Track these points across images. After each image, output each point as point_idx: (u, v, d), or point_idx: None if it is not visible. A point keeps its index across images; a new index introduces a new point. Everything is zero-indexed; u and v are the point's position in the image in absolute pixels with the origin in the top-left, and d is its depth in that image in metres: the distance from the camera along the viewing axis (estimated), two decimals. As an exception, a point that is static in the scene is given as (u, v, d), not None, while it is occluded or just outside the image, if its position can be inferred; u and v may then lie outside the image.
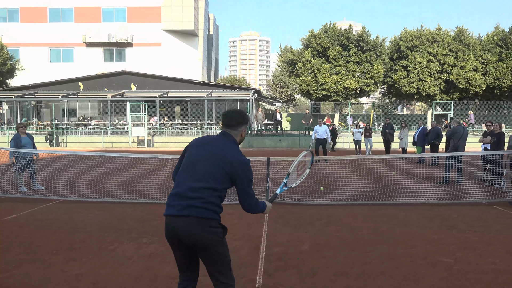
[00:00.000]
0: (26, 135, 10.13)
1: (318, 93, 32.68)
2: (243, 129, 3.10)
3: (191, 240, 2.78)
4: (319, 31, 33.06)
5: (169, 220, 2.84)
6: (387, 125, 20.65)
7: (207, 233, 2.78)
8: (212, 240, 2.80)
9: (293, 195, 9.31)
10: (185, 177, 2.90)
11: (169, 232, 2.84)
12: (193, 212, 2.77)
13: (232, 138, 3.03)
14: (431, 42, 32.38)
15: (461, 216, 7.53)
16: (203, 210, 2.79)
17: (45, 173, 11.04)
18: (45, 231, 6.36)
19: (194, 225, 2.76)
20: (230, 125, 3.06)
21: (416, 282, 4.41)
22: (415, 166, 15.26)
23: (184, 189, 2.84)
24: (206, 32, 60.22)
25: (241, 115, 3.09)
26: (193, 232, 2.76)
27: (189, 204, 2.79)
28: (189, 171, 2.90)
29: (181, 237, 2.79)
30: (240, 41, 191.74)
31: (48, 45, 49.42)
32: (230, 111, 3.13)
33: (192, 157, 2.96)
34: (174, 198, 2.86)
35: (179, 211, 2.79)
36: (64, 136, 29.08)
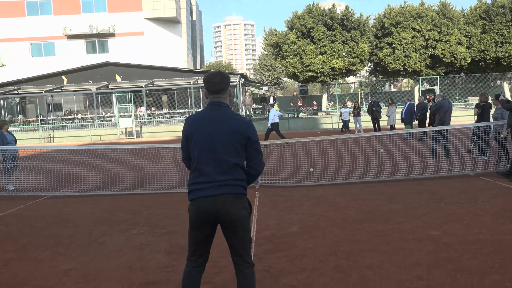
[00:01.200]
0: (8, 132, 10.00)
1: (305, 75, 32.57)
2: (230, 89, 3.05)
3: (227, 217, 2.83)
4: (302, 12, 32.77)
5: (203, 201, 2.84)
6: (373, 103, 20.71)
7: (242, 208, 2.87)
8: (244, 216, 2.88)
9: (282, 178, 9.33)
10: (208, 163, 2.87)
11: (202, 212, 2.84)
12: (228, 190, 2.84)
13: (225, 105, 2.97)
14: (415, 17, 32.30)
15: (449, 189, 7.61)
16: (236, 187, 2.87)
17: (33, 169, 10.91)
18: (33, 228, 6.30)
19: (231, 202, 2.84)
20: (220, 90, 2.96)
21: (404, 257, 4.46)
22: (403, 143, 15.37)
23: (211, 174, 2.85)
24: (189, 19, 59.45)
25: (225, 76, 2.99)
26: (229, 208, 2.82)
27: (222, 184, 2.84)
28: (211, 156, 2.87)
29: (217, 214, 2.82)
30: (225, 26, 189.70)
31: (28, 39, 48.38)
32: (211, 76, 2.97)
33: (204, 141, 2.88)
34: (202, 184, 2.86)
35: (214, 191, 2.83)
36: (51, 131, 28.74)
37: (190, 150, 2.97)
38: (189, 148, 2.97)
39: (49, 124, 31.04)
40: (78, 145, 23.49)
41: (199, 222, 2.89)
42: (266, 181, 9.14)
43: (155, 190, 8.77)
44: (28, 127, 31.57)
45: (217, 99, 2.98)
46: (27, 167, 11.17)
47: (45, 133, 28.50)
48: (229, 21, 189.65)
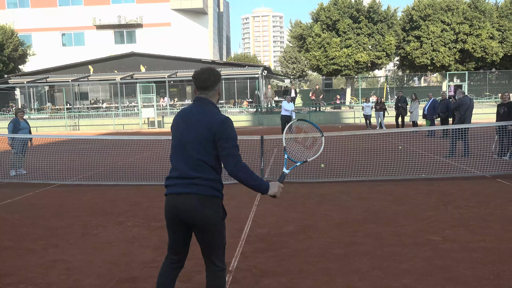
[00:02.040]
0: (24, 120, 10.27)
1: (329, 68, 32.02)
2: (219, 87, 2.94)
3: (192, 218, 2.74)
4: (328, 4, 32.12)
5: (170, 198, 2.80)
6: (399, 98, 20.14)
7: (209, 210, 2.74)
8: (214, 219, 2.76)
9: (290, 174, 9.15)
10: (179, 158, 2.82)
11: (170, 210, 2.79)
12: (195, 189, 2.74)
13: (207, 101, 2.87)
14: (445, 10, 31.15)
15: (461, 191, 7.27)
16: (205, 188, 2.75)
17: (47, 157, 11.11)
18: (34, 217, 6.38)
19: (197, 202, 2.72)
20: (207, 87, 2.88)
21: (397, 262, 4.25)
22: (424, 140, 14.89)
23: (182, 170, 2.78)
24: (216, 10, 59.40)
25: (214, 73, 2.89)
26: (195, 209, 2.72)
27: (190, 182, 2.75)
28: (181, 152, 2.82)
29: (183, 215, 2.74)
30: (253, 17, 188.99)
31: (60, 29, 49.57)
32: (200, 72, 2.89)
33: (179, 136, 2.85)
34: (173, 179, 2.81)
35: (181, 189, 2.75)
36: (77, 119, 29.39)
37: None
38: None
39: (75, 112, 31.76)
40: (94, 134, 23.93)
41: (169, 220, 2.85)
42: (272, 176, 8.99)
43: (162, 182, 8.76)
44: (55, 114, 32.40)
45: (203, 96, 2.89)
46: (42, 154, 11.39)
47: (71, 121, 29.16)
48: (257, 12, 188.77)
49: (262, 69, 31.81)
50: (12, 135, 9.71)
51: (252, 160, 10.76)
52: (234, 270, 4.19)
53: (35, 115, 33.17)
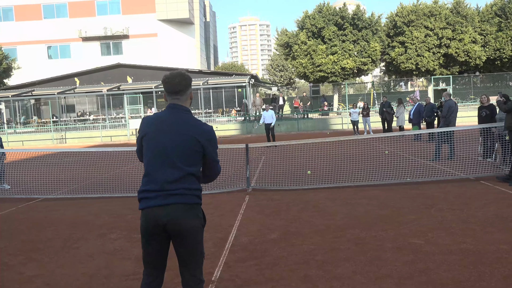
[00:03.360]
0: None
1: (315, 75, 32.22)
2: (191, 91, 2.85)
3: (177, 228, 2.63)
4: (313, 12, 32.42)
5: (151, 212, 2.65)
6: (384, 103, 20.32)
7: (193, 218, 2.68)
8: (197, 227, 2.69)
9: (277, 181, 9.15)
10: (159, 169, 2.68)
11: (151, 223, 2.64)
12: (179, 199, 2.65)
13: (185, 108, 2.79)
14: (428, 16, 31.61)
15: (444, 193, 7.33)
16: (189, 197, 2.68)
17: (29, 172, 10.98)
18: (14, 232, 6.27)
19: (181, 212, 2.64)
20: (179, 92, 2.77)
21: (378, 267, 4.25)
22: (411, 144, 15.01)
23: (161, 182, 2.65)
24: (202, 20, 59.62)
25: (185, 77, 2.80)
26: (181, 218, 2.63)
27: (172, 193, 2.65)
28: (164, 163, 2.67)
29: (167, 225, 2.63)
30: (240, 26, 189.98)
31: (45, 42, 49.29)
32: (170, 76, 2.78)
33: (156, 146, 2.70)
34: (151, 192, 2.66)
35: (163, 200, 2.63)
36: (64, 132, 29.12)
37: (144, 152, 2.80)
38: (143, 149, 2.80)
39: (61, 125, 31.48)
40: (81, 147, 23.74)
41: (148, 234, 2.70)
42: (259, 184, 8.98)
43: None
44: (42, 128, 32.08)
45: (176, 101, 2.78)
46: (26, 169, 11.25)
47: (58, 134, 28.89)
48: (244, 21, 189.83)
49: (249, 77, 31.91)
50: None
51: (237, 169, 10.76)
52: (217, 280, 4.15)
53: (21, 129, 32.81)
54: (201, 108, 32.01)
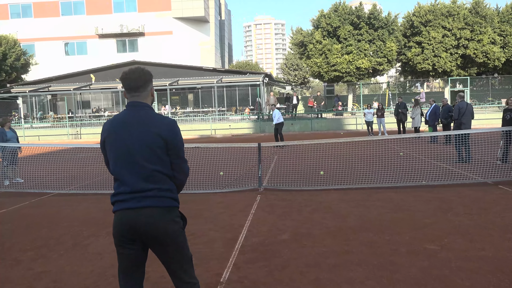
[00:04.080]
0: (10, 130, 10.26)
1: (330, 75, 31.93)
2: (152, 88, 2.70)
3: (152, 234, 2.49)
4: (329, 11, 32.11)
5: (123, 214, 2.51)
6: (399, 104, 20.03)
7: (170, 223, 2.53)
8: (175, 231, 2.55)
9: (289, 181, 9.04)
10: (128, 171, 2.54)
11: (124, 227, 2.50)
12: (153, 202, 2.51)
13: (145, 105, 2.64)
14: (445, 16, 31.06)
15: (461, 198, 7.13)
16: (164, 199, 2.54)
17: (43, 166, 11.07)
18: (25, 228, 6.29)
19: (157, 216, 2.50)
20: (138, 88, 2.62)
21: (392, 272, 4.12)
22: (426, 146, 14.74)
23: (133, 184, 2.52)
24: (217, 18, 59.67)
25: (145, 72, 2.66)
26: (156, 223, 2.48)
27: (146, 195, 2.51)
28: (129, 164, 2.54)
29: (140, 231, 2.48)
30: (255, 25, 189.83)
31: (62, 38, 49.91)
32: (129, 71, 2.64)
33: (123, 147, 2.56)
34: (123, 195, 2.54)
35: (136, 203, 2.50)
36: (79, 128, 29.42)
37: (108, 157, 2.67)
38: (107, 155, 2.67)
39: (77, 121, 31.82)
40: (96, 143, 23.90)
41: (122, 239, 2.55)
42: (271, 184, 8.88)
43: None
44: (58, 123, 32.47)
45: (136, 98, 2.64)
46: (40, 163, 11.34)
47: (73, 130, 29.18)
48: (259, 20, 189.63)
49: (263, 76, 31.79)
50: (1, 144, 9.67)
51: (249, 168, 10.68)
52: (225, 282, 4.07)
53: (37, 124, 33.24)
54: (215, 106, 32.00)
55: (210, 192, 8.34)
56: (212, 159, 11.93)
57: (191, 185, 8.81)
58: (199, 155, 12.04)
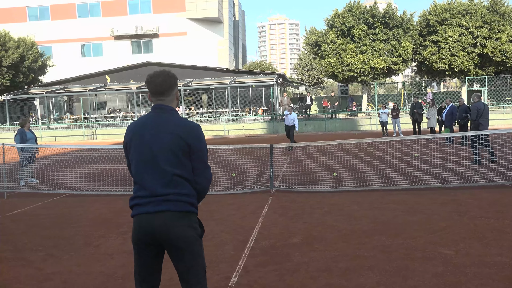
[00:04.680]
0: (29, 131, 10.38)
1: (344, 75, 31.67)
2: (177, 91, 2.68)
3: (168, 238, 2.45)
4: (343, 10, 31.88)
5: (142, 219, 2.49)
6: (415, 104, 19.73)
7: (187, 228, 2.48)
8: (191, 237, 2.49)
9: (301, 183, 8.95)
10: (148, 175, 2.51)
11: (143, 231, 2.48)
12: (170, 206, 2.47)
13: (169, 108, 2.61)
14: (462, 14, 30.54)
15: (477, 200, 6.95)
16: (181, 203, 2.50)
17: (58, 167, 11.18)
18: (38, 227, 6.34)
19: (172, 220, 2.46)
20: (164, 92, 2.60)
21: (404, 278, 4.01)
22: (442, 147, 14.47)
23: (153, 188, 2.49)
24: (231, 19, 59.78)
25: (170, 76, 2.62)
26: (171, 227, 2.45)
27: (164, 199, 2.47)
28: (150, 167, 2.51)
29: (158, 235, 2.46)
30: (269, 25, 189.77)
31: (79, 40, 50.60)
32: (154, 75, 2.62)
33: (145, 150, 2.53)
34: (142, 198, 2.51)
35: (154, 207, 2.47)
36: (94, 128, 29.75)
37: (130, 160, 2.63)
38: (129, 157, 2.64)
39: (92, 121, 32.19)
40: (111, 143, 24.12)
41: (140, 243, 2.52)
42: (283, 185, 8.80)
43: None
44: (74, 124, 32.91)
45: (161, 102, 2.62)
46: (54, 164, 11.46)
47: (88, 131, 29.51)
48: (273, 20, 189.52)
49: (276, 76, 31.69)
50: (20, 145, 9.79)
51: (261, 169, 10.62)
52: (234, 286, 4.02)
53: (54, 124, 33.74)
54: (228, 107, 32.02)
55: (221, 193, 8.30)
56: (224, 160, 11.90)
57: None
58: (211, 156, 12.02)
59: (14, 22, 49.37)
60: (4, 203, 8.35)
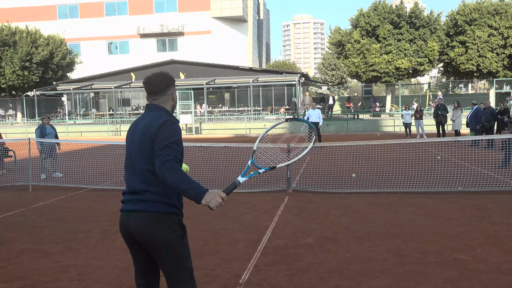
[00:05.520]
0: (50, 126, 10.69)
1: (368, 75, 31.28)
2: (173, 92, 2.67)
3: (144, 239, 2.47)
4: (368, 10, 31.47)
5: (123, 216, 2.58)
6: (439, 105, 19.34)
7: (165, 230, 2.45)
8: (169, 239, 2.46)
9: (319, 183, 8.91)
10: (128, 172, 2.61)
11: (123, 229, 2.58)
12: (144, 206, 2.47)
13: (157, 107, 2.61)
14: (492, 14, 29.69)
15: (498, 205, 6.78)
16: (157, 204, 2.46)
17: (82, 162, 11.46)
18: (59, 220, 6.53)
19: (148, 221, 2.44)
20: (158, 92, 2.63)
21: (416, 283, 3.96)
22: (466, 150, 14.14)
23: (131, 185, 2.55)
24: (256, 18, 59.84)
25: (166, 77, 2.65)
26: (146, 229, 2.44)
27: (139, 198, 2.49)
28: (129, 164, 2.60)
29: (135, 234, 2.50)
30: (294, 24, 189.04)
31: (106, 38, 51.62)
32: (152, 75, 2.66)
33: (128, 148, 2.64)
34: (126, 195, 2.59)
35: (131, 206, 2.51)
36: (119, 125, 30.33)
37: None
38: None
39: (117, 118, 32.82)
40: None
41: (125, 240, 2.63)
42: (300, 185, 8.79)
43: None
44: (99, 120, 33.66)
45: (155, 102, 2.65)
46: (78, 158, 11.76)
47: (113, 127, 30.12)
48: (298, 19, 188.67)
49: (299, 76, 31.58)
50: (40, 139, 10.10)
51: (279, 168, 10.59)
52: (244, 284, 4.05)
53: (80, 120, 34.57)
54: (250, 106, 32.11)
55: (237, 191, 8.35)
56: (241, 159, 11.94)
57: (218, 185, 8.86)
58: (229, 154, 12.10)
59: (45, 20, 50.75)
60: (28, 196, 8.63)
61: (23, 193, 8.91)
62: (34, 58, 35.45)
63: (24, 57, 34.93)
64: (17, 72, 34.89)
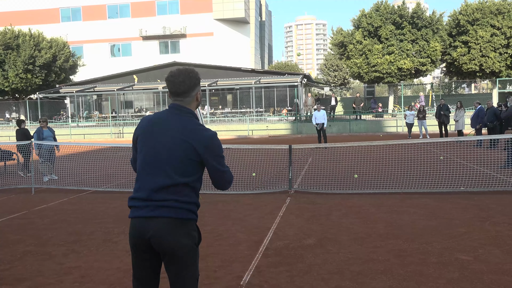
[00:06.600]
0: (47, 129, 10.74)
1: (370, 75, 31.24)
2: (197, 92, 2.52)
3: (164, 245, 2.36)
4: (370, 10, 31.44)
5: (138, 222, 2.39)
6: (441, 106, 19.34)
7: (182, 236, 2.37)
8: (187, 246, 2.38)
9: (321, 184, 8.92)
10: (148, 175, 2.43)
11: (136, 235, 2.40)
12: (167, 212, 2.36)
13: (187, 110, 2.48)
14: (495, 14, 29.61)
15: (501, 206, 6.76)
16: (179, 210, 2.38)
17: (84, 164, 11.51)
18: (61, 223, 6.56)
19: (169, 227, 2.35)
20: (181, 93, 2.47)
21: (418, 283, 3.96)
22: (470, 150, 14.10)
23: (150, 190, 2.39)
24: (258, 19, 59.91)
25: (191, 76, 2.47)
26: (168, 235, 2.34)
27: (161, 205, 2.37)
28: (152, 168, 2.42)
29: (152, 241, 2.36)
30: (296, 25, 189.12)
31: (108, 40, 51.81)
32: (175, 74, 2.47)
33: (149, 149, 2.44)
34: (139, 201, 2.42)
35: (150, 212, 2.36)
36: (121, 127, 30.42)
37: (137, 155, 2.54)
38: (137, 153, 2.55)
39: (120, 120, 32.92)
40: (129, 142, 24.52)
41: (135, 247, 2.44)
42: (302, 186, 8.80)
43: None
44: (102, 122, 33.77)
45: (179, 102, 2.49)
46: (80, 161, 11.80)
47: (116, 129, 30.22)
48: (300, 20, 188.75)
49: (301, 77, 31.58)
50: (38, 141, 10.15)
51: (281, 169, 10.63)
52: (245, 285, 4.06)
53: (83, 123, 34.69)
54: (253, 107, 32.14)
55: (240, 193, 8.37)
56: (245, 160, 11.97)
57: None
58: (232, 156, 12.13)
59: (48, 23, 50.97)
60: (31, 198, 8.67)
61: (26, 196, 8.96)
62: (37, 61, 35.61)
63: (27, 60, 35.10)
64: (20, 75, 35.07)
